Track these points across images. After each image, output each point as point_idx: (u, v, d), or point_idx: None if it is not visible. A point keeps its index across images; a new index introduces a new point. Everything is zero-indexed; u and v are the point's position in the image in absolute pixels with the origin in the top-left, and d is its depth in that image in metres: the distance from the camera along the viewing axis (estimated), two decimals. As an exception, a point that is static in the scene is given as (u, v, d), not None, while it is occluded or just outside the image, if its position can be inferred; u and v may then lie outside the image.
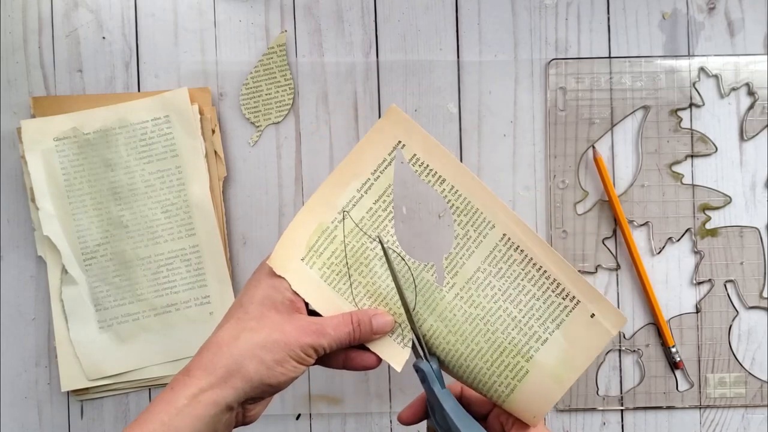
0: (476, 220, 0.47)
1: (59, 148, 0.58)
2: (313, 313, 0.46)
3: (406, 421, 0.49)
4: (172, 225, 0.59)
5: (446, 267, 0.48)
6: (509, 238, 0.47)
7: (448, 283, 0.47)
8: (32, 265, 0.60)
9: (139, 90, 0.60)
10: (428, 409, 0.48)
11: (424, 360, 0.47)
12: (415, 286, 0.48)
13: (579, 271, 0.59)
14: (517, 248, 0.47)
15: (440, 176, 0.48)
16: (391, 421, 0.60)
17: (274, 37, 0.60)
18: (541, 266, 0.46)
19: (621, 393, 0.60)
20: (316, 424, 0.60)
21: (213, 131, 0.59)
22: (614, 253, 0.60)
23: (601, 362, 0.60)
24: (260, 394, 0.43)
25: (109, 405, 0.60)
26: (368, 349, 0.47)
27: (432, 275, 0.48)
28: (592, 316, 0.45)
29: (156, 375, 0.59)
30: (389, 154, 0.48)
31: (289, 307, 0.45)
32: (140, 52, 0.60)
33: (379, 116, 0.60)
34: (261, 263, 0.47)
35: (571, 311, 0.46)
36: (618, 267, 0.60)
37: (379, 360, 0.47)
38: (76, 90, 0.60)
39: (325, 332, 0.44)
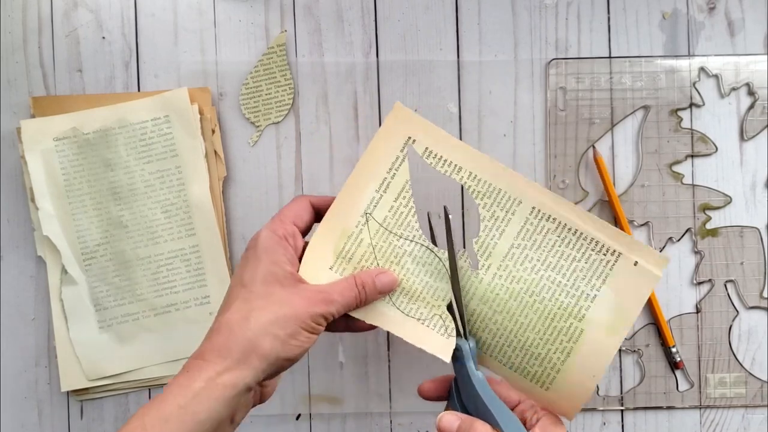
0: (501, 199, 0.48)
1: (59, 148, 0.58)
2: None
3: (426, 394, 0.49)
4: (172, 225, 0.59)
5: (478, 251, 0.48)
6: (539, 210, 0.48)
7: (483, 266, 0.48)
8: (32, 265, 0.60)
9: (138, 90, 0.60)
10: (452, 391, 0.47)
11: (463, 338, 0.46)
12: (450, 275, 0.48)
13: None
14: (549, 218, 0.48)
15: (456, 165, 0.48)
16: (391, 421, 0.60)
17: (273, 37, 0.60)
18: (576, 229, 0.47)
19: (621, 393, 0.60)
20: (316, 424, 0.60)
21: (213, 131, 0.59)
22: (614, 253, 0.60)
23: (601, 362, 0.60)
24: (277, 369, 0.43)
25: (109, 405, 0.60)
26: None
27: (465, 261, 0.48)
28: (635, 264, 0.47)
29: (156, 375, 0.59)
30: (401, 151, 0.48)
31: (292, 278, 0.45)
32: (140, 52, 0.60)
33: (380, 116, 0.60)
34: (253, 238, 0.46)
35: (614, 264, 0.47)
36: (618, 267, 0.60)
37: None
38: (75, 90, 0.60)
39: (333, 299, 0.44)
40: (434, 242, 0.49)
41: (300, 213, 0.48)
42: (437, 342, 0.47)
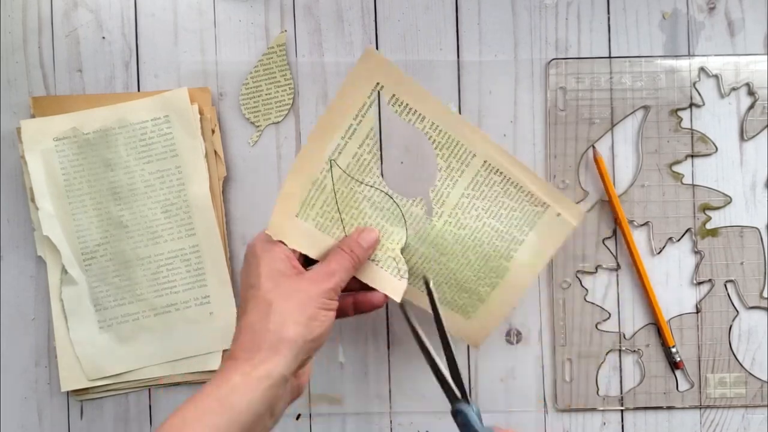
0: (458, 152, 0.52)
1: (59, 148, 0.58)
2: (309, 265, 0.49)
3: (376, 303, 0.51)
4: (172, 225, 0.59)
5: (433, 199, 0.52)
6: (489, 164, 0.52)
7: (436, 213, 0.52)
8: (32, 265, 0.60)
9: (138, 90, 0.60)
10: None
11: (465, 403, 0.47)
12: (405, 222, 0.51)
13: (578, 271, 0.60)
14: (497, 171, 0.52)
15: (420, 114, 0.51)
16: (391, 422, 0.60)
17: (273, 37, 0.60)
18: (517, 183, 0.52)
19: (621, 393, 0.60)
20: (316, 424, 0.60)
21: (213, 131, 0.59)
22: (614, 253, 0.60)
23: (602, 362, 0.60)
24: (307, 353, 0.45)
25: (109, 405, 0.60)
26: (373, 289, 0.50)
27: (421, 209, 0.52)
28: (558, 215, 0.53)
29: (156, 375, 0.59)
30: (369, 97, 0.50)
31: (293, 270, 0.47)
32: (140, 52, 0.60)
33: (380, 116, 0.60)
34: (249, 245, 0.48)
35: (543, 214, 0.53)
36: (618, 267, 0.60)
37: (386, 297, 0.50)
38: (75, 90, 0.60)
39: (333, 270, 0.47)
40: (410, 326, 0.51)
41: None
42: (390, 282, 0.50)
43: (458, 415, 0.47)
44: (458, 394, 0.47)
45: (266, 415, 0.43)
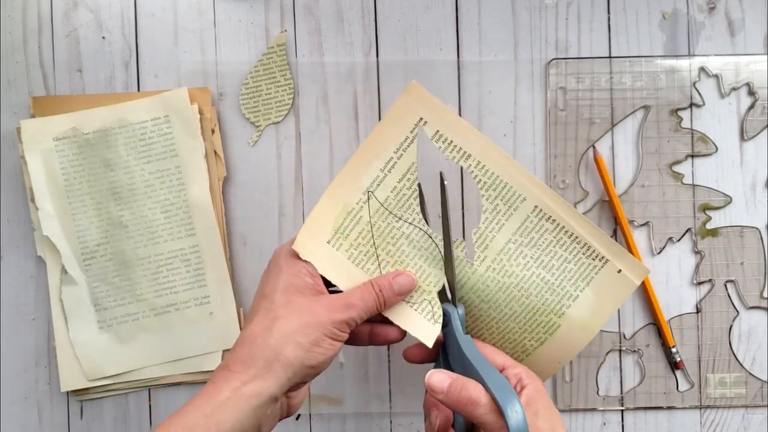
0: (506, 194, 0.48)
1: (59, 148, 0.58)
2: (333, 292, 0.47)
3: (411, 358, 0.49)
4: (172, 225, 0.59)
5: (476, 242, 0.49)
6: (541, 209, 0.48)
7: (479, 257, 0.49)
8: (32, 265, 0.60)
9: (138, 90, 0.60)
10: (439, 356, 0.48)
11: (451, 303, 0.47)
12: (444, 263, 0.48)
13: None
14: (549, 218, 0.48)
15: (465, 152, 0.48)
16: (391, 422, 0.60)
17: (273, 36, 0.60)
18: (572, 233, 0.48)
19: (621, 393, 0.60)
20: (316, 424, 0.60)
21: (213, 131, 0.59)
22: (614, 253, 0.60)
23: (602, 362, 0.60)
24: (302, 378, 0.43)
25: (109, 405, 0.60)
26: (392, 323, 0.47)
27: (462, 251, 0.49)
28: (619, 271, 0.48)
29: (156, 375, 0.59)
30: (411, 132, 0.48)
31: (312, 290, 0.45)
32: (140, 52, 0.60)
33: (380, 116, 0.60)
34: (276, 252, 0.47)
35: (600, 269, 0.49)
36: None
37: (403, 333, 0.48)
38: (75, 90, 0.60)
39: (353, 304, 0.44)
40: (423, 213, 0.49)
41: None
42: (423, 326, 0.47)
43: (443, 316, 0.47)
44: (448, 295, 0.48)
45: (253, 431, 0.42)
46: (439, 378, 0.44)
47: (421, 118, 0.48)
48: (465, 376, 0.44)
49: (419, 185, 0.49)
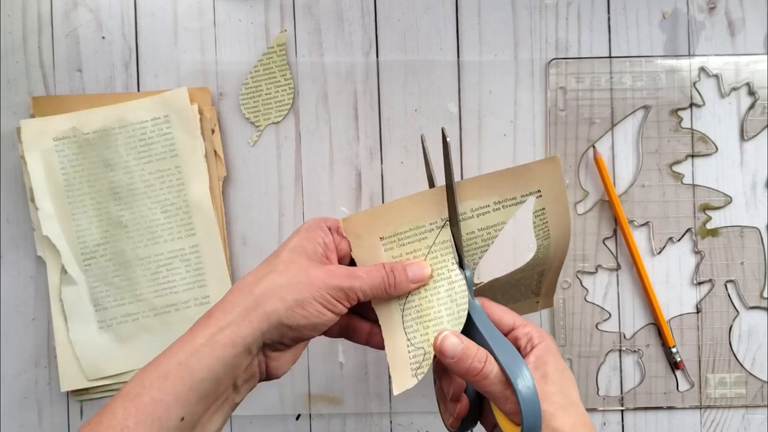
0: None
1: (59, 148, 0.58)
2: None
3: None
4: (172, 225, 0.59)
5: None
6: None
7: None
8: (32, 265, 0.60)
9: (138, 90, 0.60)
10: None
11: (459, 267, 0.45)
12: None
13: (578, 271, 0.60)
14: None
15: (549, 234, 0.47)
16: (391, 422, 0.60)
17: (273, 36, 0.60)
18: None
19: (621, 393, 0.60)
20: (316, 424, 0.60)
21: (213, 131, 0.59)
22: (614, 253, 0.60)
23: (602, 362, 0.60)
24: (279, 336, 0.41)
25: (109, 405, 0.60)
26: None
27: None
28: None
29: (156, 375, 0.59)
30: (522, 196, 0.46)
31: (320, 258, 0.44)
32: (140, 52, 0.60)
33: (380, 116, 0.60)
34: (307, 221, 0.46)
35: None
36: (618, 267, 0.60)
37: None
38: (75, 90, 0.60)
39: (357, 275, 0.43)
40: (427, 165, 0.49)
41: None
42: (402, 369, 0.45)
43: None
44: (456, 258, 0.46)
45: (227, 385, 0.41)
46: (452, 342, 0.42)
47: (539, 190, 0.46)
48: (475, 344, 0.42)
49: (422, 137, 0.48)
